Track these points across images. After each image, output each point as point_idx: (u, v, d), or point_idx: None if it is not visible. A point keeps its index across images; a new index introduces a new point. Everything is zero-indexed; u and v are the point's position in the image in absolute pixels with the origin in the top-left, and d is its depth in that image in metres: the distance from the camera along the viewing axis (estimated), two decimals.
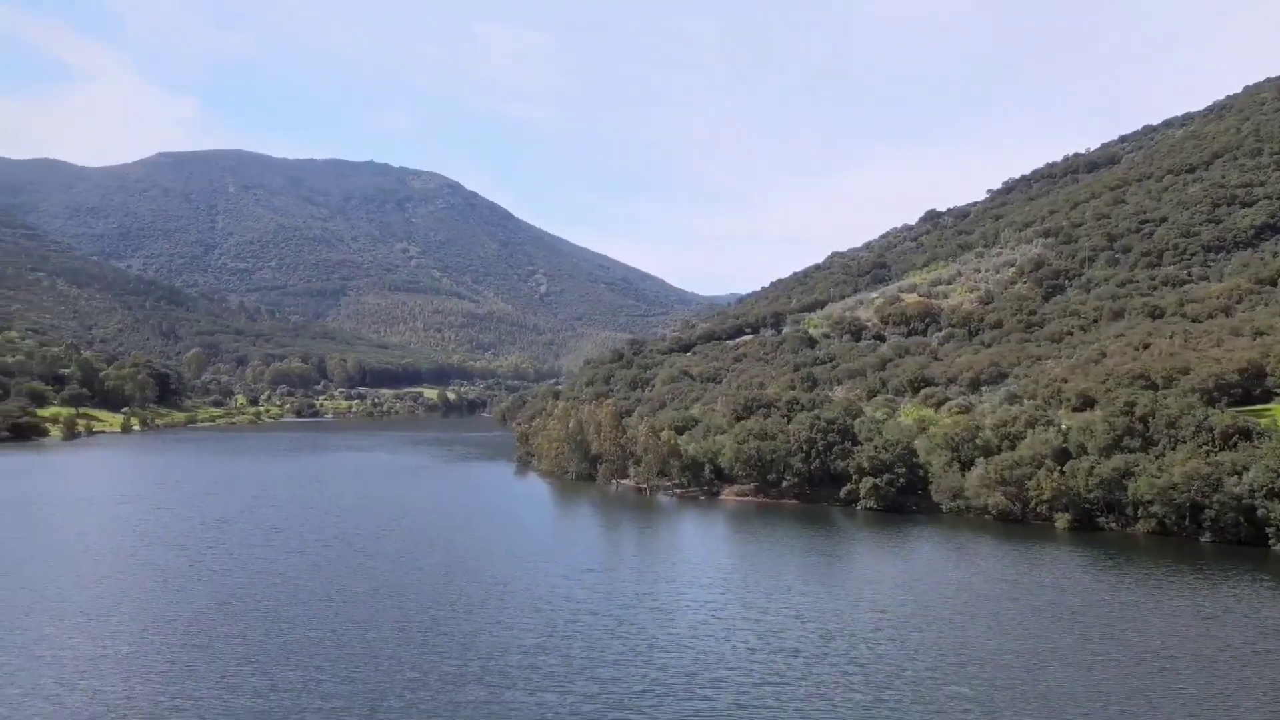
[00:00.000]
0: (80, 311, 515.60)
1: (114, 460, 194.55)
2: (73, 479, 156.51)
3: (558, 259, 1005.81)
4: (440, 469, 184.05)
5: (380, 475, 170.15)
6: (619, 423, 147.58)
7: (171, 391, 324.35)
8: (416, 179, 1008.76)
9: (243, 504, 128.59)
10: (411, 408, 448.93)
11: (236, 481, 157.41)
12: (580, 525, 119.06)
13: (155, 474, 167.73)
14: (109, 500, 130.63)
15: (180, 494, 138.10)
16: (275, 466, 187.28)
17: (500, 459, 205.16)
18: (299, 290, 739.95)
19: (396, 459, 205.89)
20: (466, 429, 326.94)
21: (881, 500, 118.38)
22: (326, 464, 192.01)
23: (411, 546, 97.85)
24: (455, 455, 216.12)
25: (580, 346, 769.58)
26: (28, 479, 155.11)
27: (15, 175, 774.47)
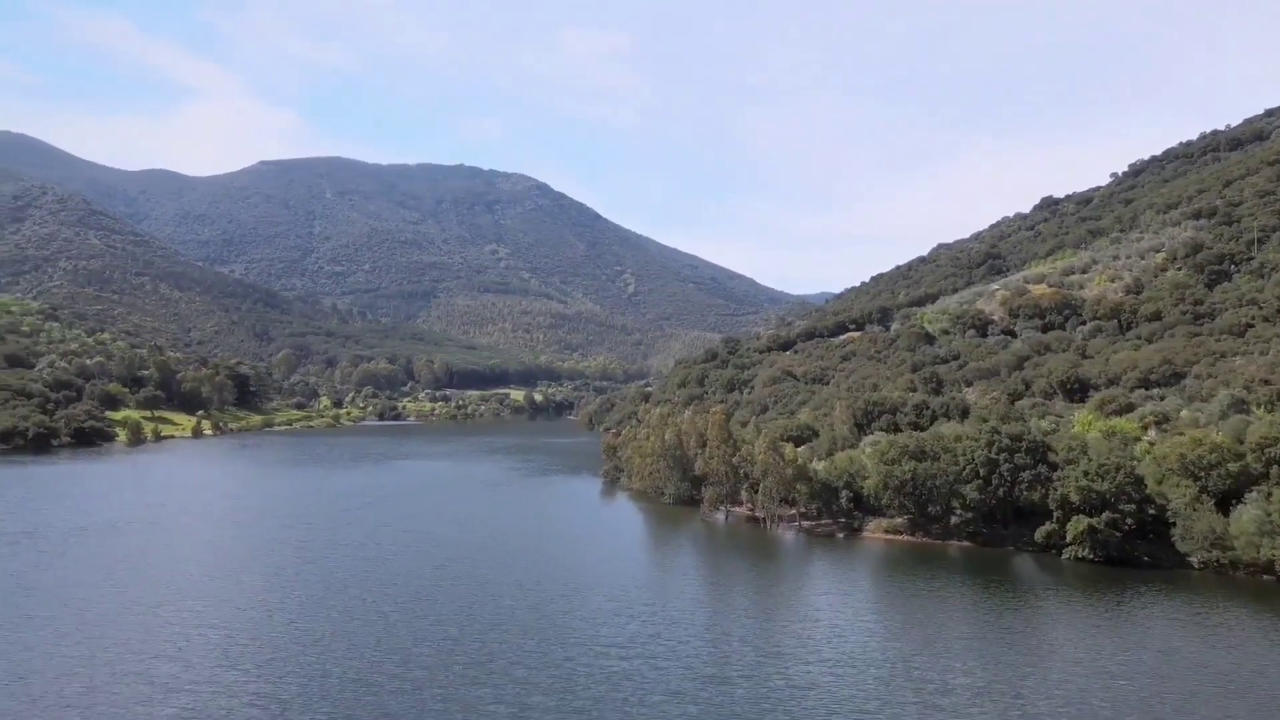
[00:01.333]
0: (180, 314, 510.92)
1: (154, 472, 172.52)
2: (80, 500, 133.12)
3: (645, 259, 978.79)
4: (514, 486, 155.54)
5: (443, 494, 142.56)
6: (729, 436, 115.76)
7: (251, 394, 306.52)
8: (506, 181, 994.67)
9: (257, 539, 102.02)
10: (496, 410, 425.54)
11: (270, 502, 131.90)
12: (682, 579, 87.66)
13: (181, 492, 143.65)
14: (64, 531, 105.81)
15: (192, 518, 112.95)
16: (327, 480, 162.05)
17: (585, 472, 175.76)
18: (391, 292, 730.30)
19: (469, 471, 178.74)
20: (551, 434, 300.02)
21: (1100, 548, 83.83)
22: (386, 478, 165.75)
23: (456, 608, 68.57)
24: (535, 467, 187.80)
25: (669, 347, 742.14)
26: (31, 500, 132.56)
27: (131, 186, 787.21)
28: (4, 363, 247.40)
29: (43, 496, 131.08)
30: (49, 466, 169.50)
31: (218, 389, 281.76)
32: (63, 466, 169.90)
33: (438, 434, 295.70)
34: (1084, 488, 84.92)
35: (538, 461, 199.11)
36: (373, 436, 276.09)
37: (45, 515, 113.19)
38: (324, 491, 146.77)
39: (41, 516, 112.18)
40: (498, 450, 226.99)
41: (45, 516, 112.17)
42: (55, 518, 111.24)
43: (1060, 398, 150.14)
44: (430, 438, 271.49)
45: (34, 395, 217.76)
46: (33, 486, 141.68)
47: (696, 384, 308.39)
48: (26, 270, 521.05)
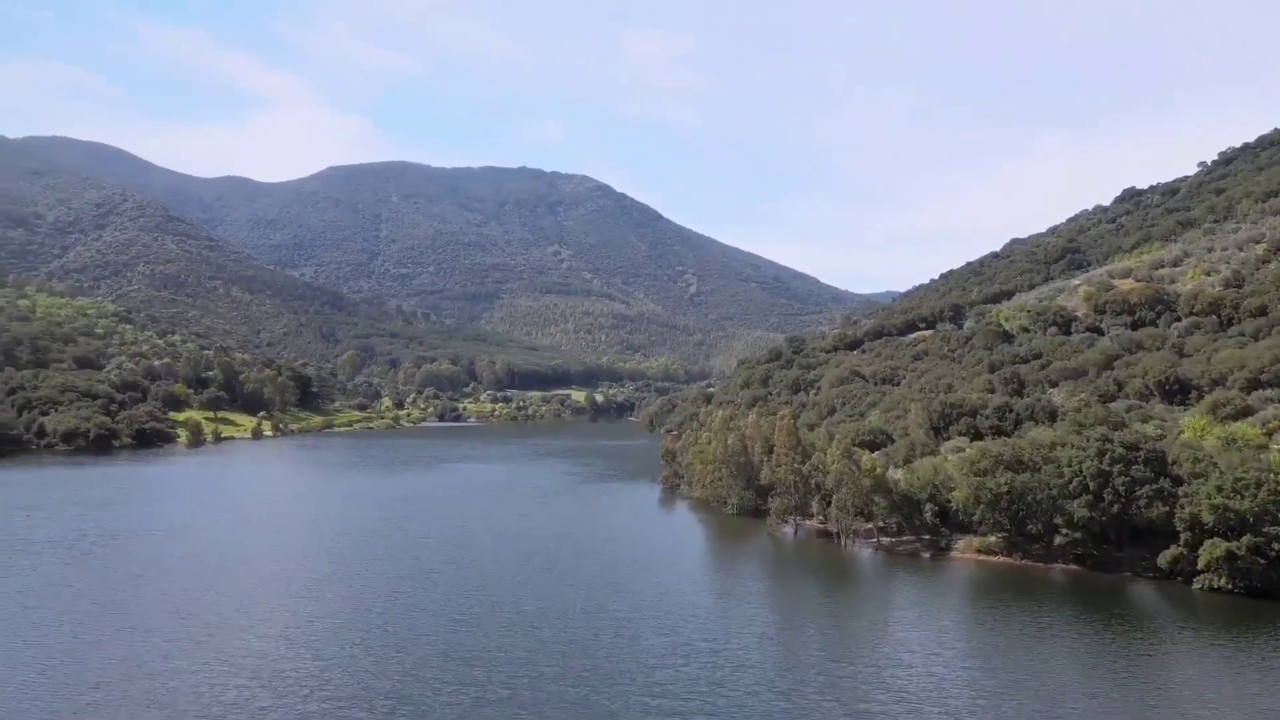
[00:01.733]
0: (251, 317, 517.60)
1: (204, 475, 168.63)
2: (114, 506, 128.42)
3: (707, 259, 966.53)
4: (567, 494, 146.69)
5: (493, 502, 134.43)
6: (798, 442, 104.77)
7: (313, 394, 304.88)
8: (568, 182, 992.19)
9: (284, 551, 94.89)
10: (558, 411, 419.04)
11: (307, 510, 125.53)
12: (748, 608, 77.28)
13: (221, 496, 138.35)
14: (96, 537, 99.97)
15: (230, 524, 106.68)
16: (374, 485, 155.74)
17: (643, 478, 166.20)
18: (455, 294, 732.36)
19: (522, 476, 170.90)
20: (610, 436, 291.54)
21: (1241, 577, 71.03)
22: (436, 483, 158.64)
23: (487, 643, 59.56)
24: (591, 472, 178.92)
25: (731, 347, 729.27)
26: (66, 505, 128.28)
27: (206, 192, 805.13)
28: (74, 364, 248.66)
29: (78, 501, 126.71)
30: (101, 468, 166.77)
31: (280, 390, 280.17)
32: (115, 468, 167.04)
33: (496, 435, 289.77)
34: (1218, 506, 72.06)
35: (595, 466, 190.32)
36: (431, 438, 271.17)
37: (72, 522, 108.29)
38: (368, 497, 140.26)
39: (67, 524, 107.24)
40: (554, 453, 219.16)
41: (72, 523, 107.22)
42: (83, 524, 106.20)
43: (1158, 399, 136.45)
44: (488, 439, 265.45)
45: (99, 396, 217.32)
46: (73, 489, 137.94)
47: (760, 384, 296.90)
48: (107, 275, 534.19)
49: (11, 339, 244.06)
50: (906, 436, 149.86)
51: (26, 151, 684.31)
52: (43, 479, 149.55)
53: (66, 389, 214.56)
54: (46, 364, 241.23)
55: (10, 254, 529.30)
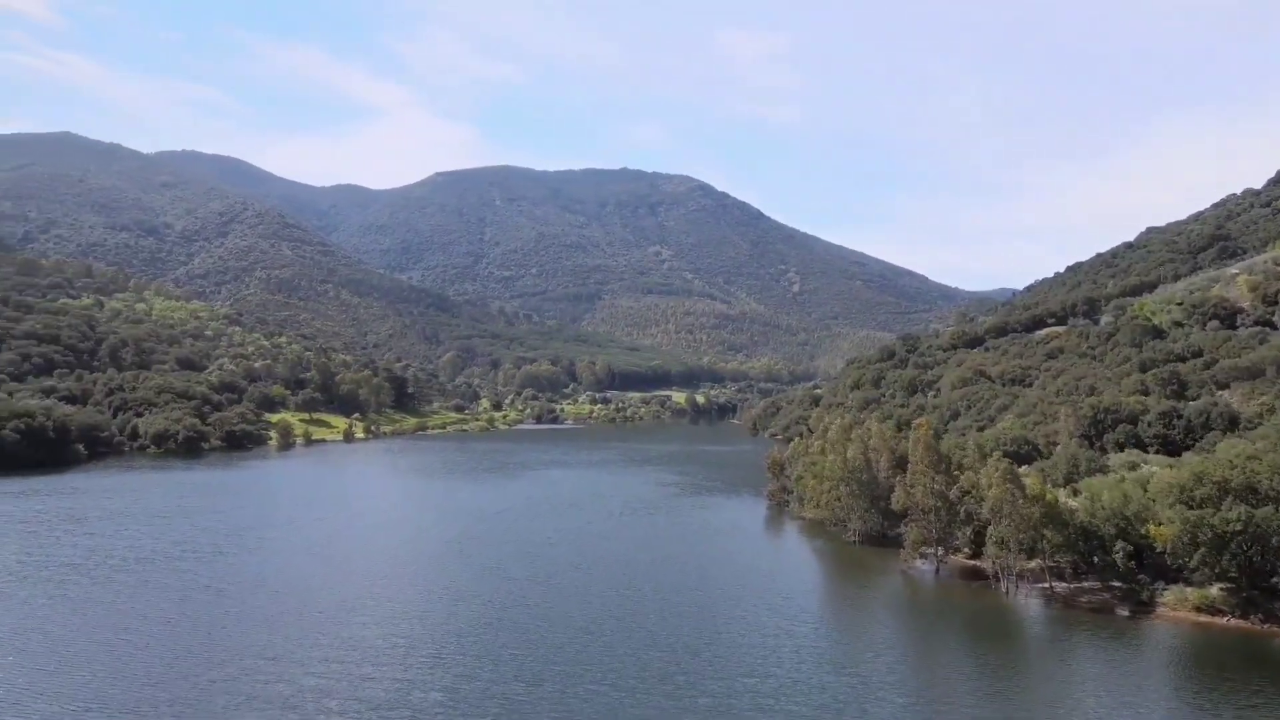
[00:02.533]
0: (358, 319, 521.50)
1: (284, 479, 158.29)
2: (170, 516, 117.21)
3: (810, 257, 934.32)
4: (662, 509, 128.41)
5: (580, 518, 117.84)
6: (940, 458, 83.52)
7: (408, 396, 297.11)
8: (668, 183, 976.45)
9: (357, 577, 79.97)
10: (657, 413, 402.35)
11: (372, 522, 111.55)
12: (879, 685, 57.01)
13: (282, 505, 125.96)
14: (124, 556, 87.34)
15: (307, 538, 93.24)
16: (455, 494, 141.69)
17: (747, 491, 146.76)
18: (557, 295, 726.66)
19: (615, 486, 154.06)
20: (712, 440, 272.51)
21: None
22: (523, 492, 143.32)
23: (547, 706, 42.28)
24: (690, 482, 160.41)
25: (836, 346, 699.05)
26: (118, 515, 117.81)
27: (321, 200, 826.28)
28: (176, 365, 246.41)
29: (130, 512, 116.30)
30: (180, 473, 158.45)
31: (375, 391, 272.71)
32: (193, 474, 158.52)
33: (593, 439, 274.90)
34: None
35: (695, 475, 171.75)
36: (525, 441, 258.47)
37: (116, 537, 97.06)
38: (446, 508, 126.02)
39: (104, 540, 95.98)
40: (652, 459, 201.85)
41: (114, 538, 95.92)
42: (126, 539, 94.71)
43: None
44: (584, 443, 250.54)
45: (194, 397, 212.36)
46: (134, 496, 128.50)
47: (872, 385, 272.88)
48: (228, 280, 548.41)
49: (118, 340, 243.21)
50: (1054, 447, 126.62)
51: (159, 165, 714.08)
52: (110, 485, 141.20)
53: (163, 390, 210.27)
54: (149, 365, 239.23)
55: (142, 261, 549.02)
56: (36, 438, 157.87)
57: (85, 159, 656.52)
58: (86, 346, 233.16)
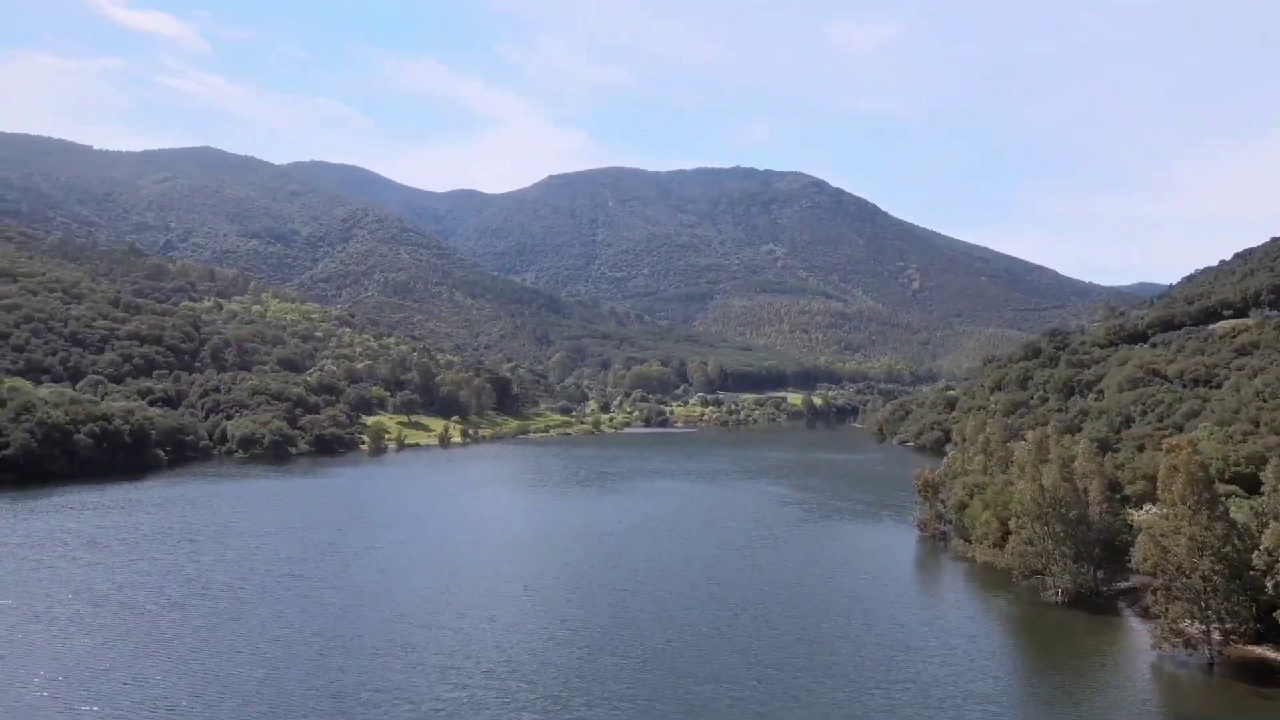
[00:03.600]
0: (471, 320, 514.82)
1: (363, 489, 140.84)
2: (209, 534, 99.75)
3: (930, 253, 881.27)
4: (782, 539, 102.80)
5: (685, 544, 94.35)
6: (1211, 498, 54.95)
7: (511, 397, 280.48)
8: (781, 180, 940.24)
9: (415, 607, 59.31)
10: (772, 415, 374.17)
11: (432, 546, 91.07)
12: None
13: (328, 529, 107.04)
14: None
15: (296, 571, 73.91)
16: (539, 509, 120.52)
17: (885, 513, 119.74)
18: (669, 295, 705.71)
19: (726, 506, 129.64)
20: (833, 446, 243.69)
21: None
22: (616, 509, 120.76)
23: None
24: (816, 500, 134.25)
25: (961, 345, 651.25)
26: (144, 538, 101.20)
27: (439, 205, 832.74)
28: (277, 366, 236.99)
29: (162, 533, 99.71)
30: (253, 482, 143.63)
31: (476, 393, 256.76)
32: (266, 482, 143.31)
33: (704, 444, 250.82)
34: None
35: (819, 491, 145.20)
36: (631, 446, 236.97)
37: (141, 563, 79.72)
38: (525, 529, 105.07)
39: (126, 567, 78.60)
40: (768, 469, 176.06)
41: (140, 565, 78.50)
42: (159, 561, 77.21)
43: None
44: (693, 450, 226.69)
45: (288, 399, 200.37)
46: (184, 509, 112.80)
47: (1018, 386, 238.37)
48: (348, 284, 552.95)
49: (221, 341, 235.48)
50: None
51: (288, 176, 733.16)
52: (169, 497, 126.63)
53: (257, 391, 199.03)
54: (249, 366, 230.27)
55: (270, 266, 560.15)
56: (113, 442, 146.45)
57: (223, 171, 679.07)
58: (189, 348, 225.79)
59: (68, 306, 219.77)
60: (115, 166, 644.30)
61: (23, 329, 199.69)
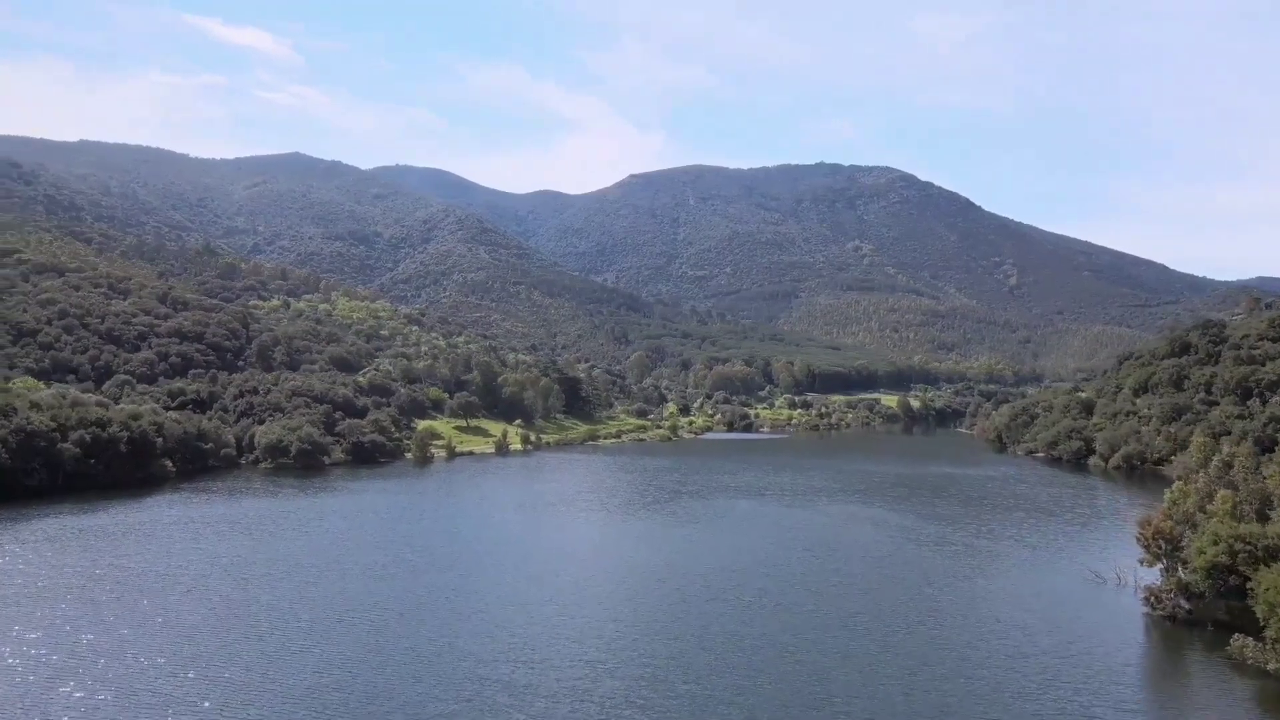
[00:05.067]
0: (548, 320, 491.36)
1: (385, 511, 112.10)
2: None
3: (1028, 248, 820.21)
4: (938, 598, 68.79)
5: (778, 611, 61.89)
6: None
7: (582, 399, 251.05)
8: (867, 175, 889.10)
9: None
10: (866, 418, 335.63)
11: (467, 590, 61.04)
12: None
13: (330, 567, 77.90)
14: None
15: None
16: (586, 539, 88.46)
17: (1063, 559, 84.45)
18: (751, 294, 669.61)
19: (831, 534, 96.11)
20: (943, 456, 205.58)
21: None
22: (686, 543, 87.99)
23: None
24: (959, 534, 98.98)
25: (1065, 344, 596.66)
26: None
27: (521, 207, 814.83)
28: (328, 365, 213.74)
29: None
30: (247, 501, 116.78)
31: (542, 394, 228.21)
32: (270, 501, 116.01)
33: (794, 452, 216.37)
34: None
35: (956, 520, 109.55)
36: (712, 455, 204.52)
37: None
38: (577, 573, 74.15)
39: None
40: (879, 488, 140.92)
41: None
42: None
43: None
44: (782, 459, 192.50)
45: (330, 401, 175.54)
46: (110, 543, 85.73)
47: (1171, 387, 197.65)
48: (428, 284, 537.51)
49: (269, 339, 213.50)
50: None
51: (373, 180, 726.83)
52: (124, 523, 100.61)
53: (298, 393, 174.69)
54: (298, 366, 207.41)
55: (353, 268, 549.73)
56: (106, 452, 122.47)
57: (310, 176, 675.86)
58: (233, 346, 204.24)
59: (109, 302, 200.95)
60: (210, 173, 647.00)
61: (55, 325, 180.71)
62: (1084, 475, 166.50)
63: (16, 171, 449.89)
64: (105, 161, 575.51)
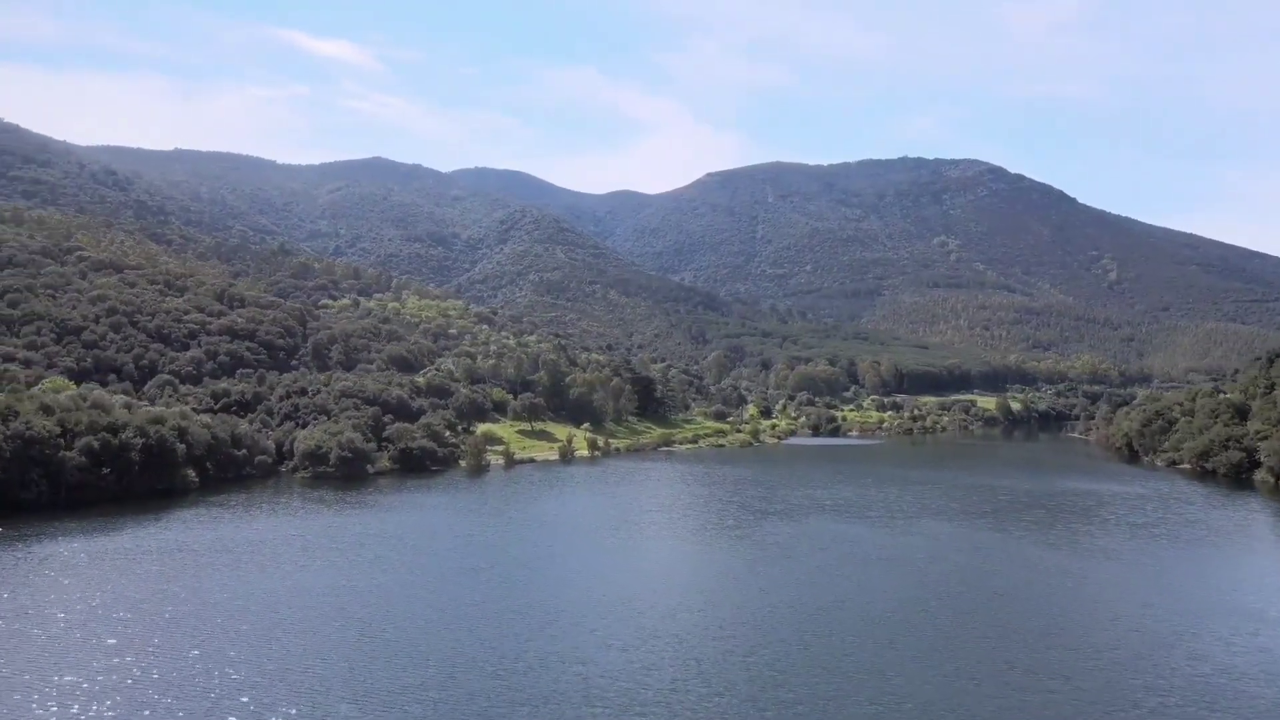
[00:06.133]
0: (625, 319, 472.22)
1: (413, 532, 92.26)
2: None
3: (1127, 241, 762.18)
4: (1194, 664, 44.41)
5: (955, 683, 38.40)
6: None
7: (655, 400, 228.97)
8: (953, 169, 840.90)
9: None
10: (962, 421, 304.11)
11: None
12: None
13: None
14: None
15: None
16: (671, 590, 66.53)
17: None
18: (832, 292, 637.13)
19: (975, 575, 71.46)
20: (1067, 466, 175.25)
21: None
22: (791, 587, 65.30)
23: None
24: (1130, 569, 73.55)
25: (1175, 342, 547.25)
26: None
27: (598, 207, 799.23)
28: (385, 365, 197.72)
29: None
30: (255, 522, 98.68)
31: (613, 395, 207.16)
32: (272, 523, 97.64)
33: (892, 461, 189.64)
34: None
35: (1120, 552, 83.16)
36: (799, 463, 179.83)
37: None
38: (654, 626, 51.95)
39: None
40: (1000, 508, 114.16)
41: None
42: None
43: None
44: (882, 471, 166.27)
45: (383, 403, 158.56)
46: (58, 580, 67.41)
47: None
48: (504, 284, 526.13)
49: (327, 337, 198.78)
50: None
51: (452, 182, 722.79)
52: (104, 549, 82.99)
53: (348, 394, 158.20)
54: (354, 365, 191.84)
55: (431, 269, 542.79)
56: (118, 461, 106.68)
57: (391, 179, 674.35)
58: (286, 344, 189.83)
59: (164, 299, 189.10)
60: (295, 178, 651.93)
61: (102, 323, 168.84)
62: (1250, 494, 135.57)
63: (112, 179, 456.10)
64: (197, 169, 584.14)
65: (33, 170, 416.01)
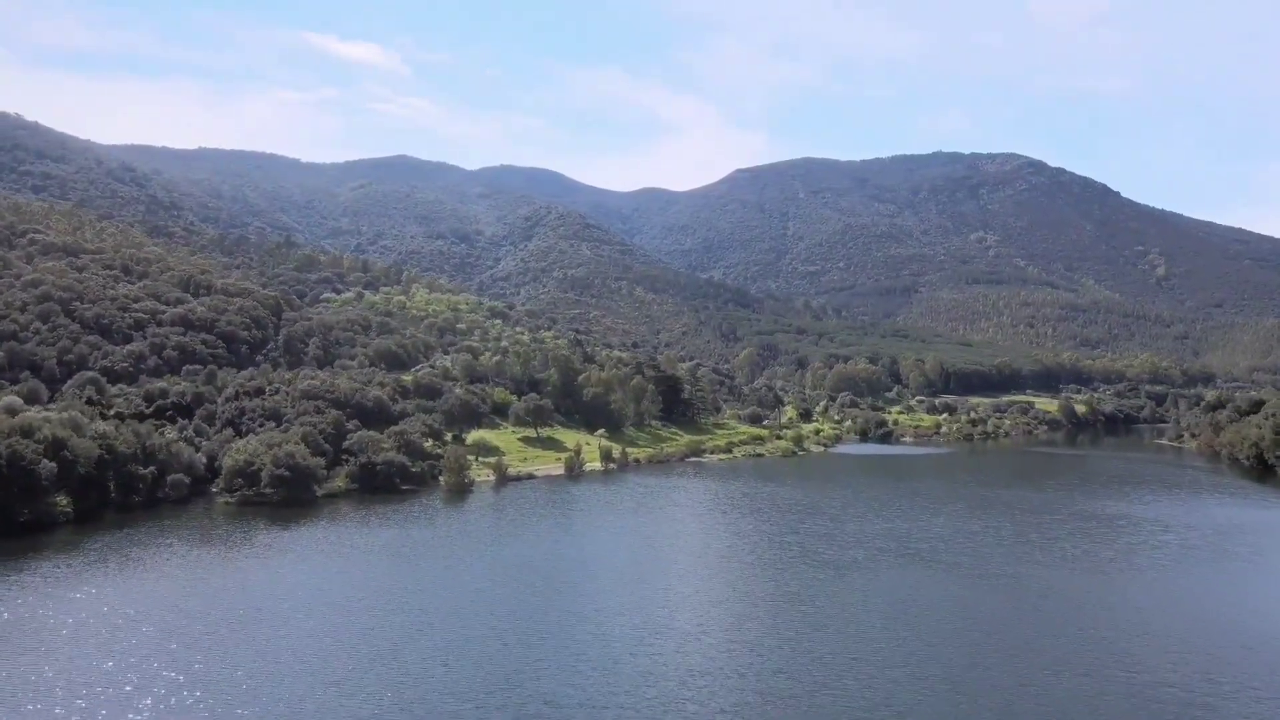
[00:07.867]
0: (652, 316, 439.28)
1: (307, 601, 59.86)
2: None
3: (1175, 237, 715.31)
4: None
5: None
6: None
7: (682, 402, 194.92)
8: (990, 163, 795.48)
9: None
10: (1027, 426, 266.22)
11: None
12: None
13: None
14: None
15: None
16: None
17: None
18: (867, 289, 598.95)
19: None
20: (1178, 480, 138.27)
21: None
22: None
23: None
24: None
25: (1234, 339, 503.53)
26: None
27: (625, 205, 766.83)
28: (372, 360, 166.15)
29: None
30: (62, 594, 67.00)
31: (634, 396, 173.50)
32: (105, 592, 65.81)
33: (957, 473, 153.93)
34: None
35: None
36: (854, 479, 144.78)
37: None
38: None
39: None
40: (1136, 543, 79.30)
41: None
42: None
43: None
44: (950, 484, 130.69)
45: (352, 405, 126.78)
46: None
47: None
48: (528, 281, 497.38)
49: (302, 329, 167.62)
50: None
51: (478, 179, 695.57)
52: None
53: (309, 395, 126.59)
54: (332, 362, 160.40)
55: (454, 265, 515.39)
56: None
57: (415, 178, 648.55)
58: (252, 337, 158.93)
59: (111, 286, 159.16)
60: (318, 176, 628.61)
61: (29, 311, 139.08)
62: None
63: (130, 175, 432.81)
64: (220, 167, 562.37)
65: (46, 165, 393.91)
